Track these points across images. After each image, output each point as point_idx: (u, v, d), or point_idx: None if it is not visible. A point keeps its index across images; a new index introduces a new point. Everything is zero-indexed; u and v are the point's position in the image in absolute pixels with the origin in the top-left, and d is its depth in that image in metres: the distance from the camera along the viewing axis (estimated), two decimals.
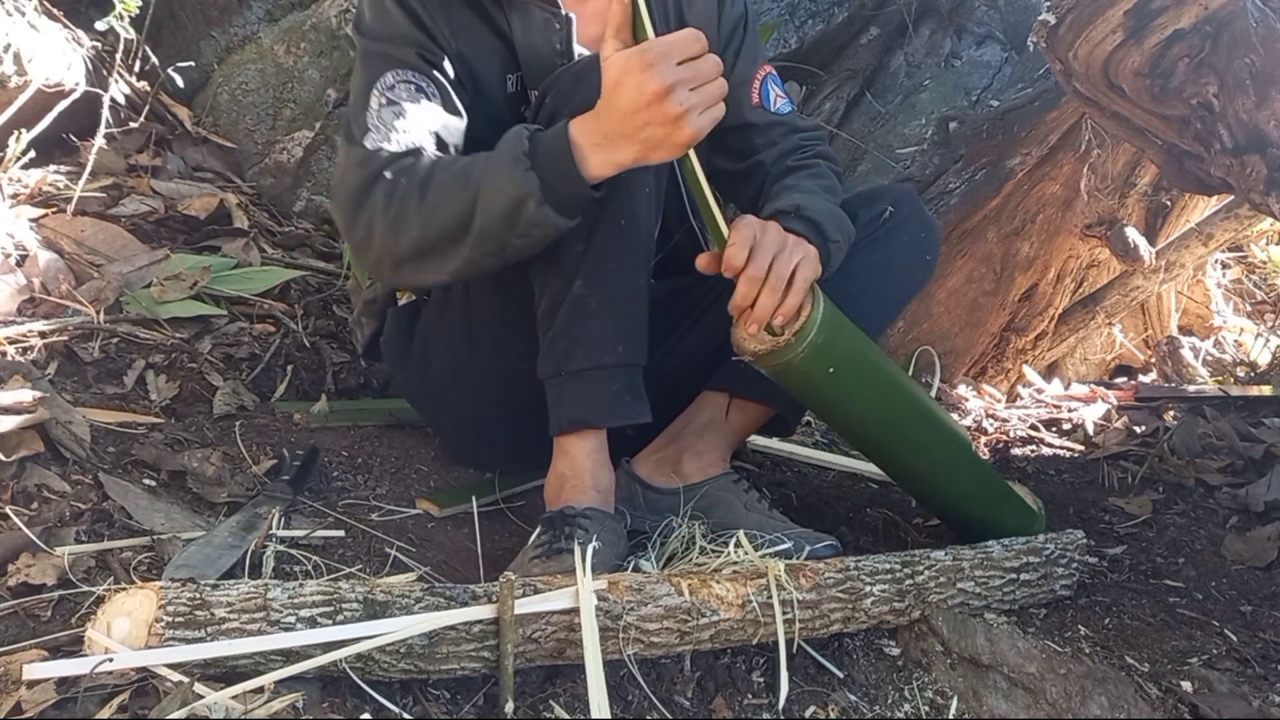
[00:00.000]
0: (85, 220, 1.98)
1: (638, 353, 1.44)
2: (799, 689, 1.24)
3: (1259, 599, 1.61)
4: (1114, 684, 1.27)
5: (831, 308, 1.38)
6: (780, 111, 1.65)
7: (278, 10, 2.62)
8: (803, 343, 1.34)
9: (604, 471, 1.45)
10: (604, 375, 1.41)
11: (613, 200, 1.38)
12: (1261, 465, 2.08)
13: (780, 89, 1.67)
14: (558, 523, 1.37)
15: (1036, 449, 2.42)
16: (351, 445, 1.65)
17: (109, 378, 1.63)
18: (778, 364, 1.36)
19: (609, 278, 1.41)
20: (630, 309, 1.43)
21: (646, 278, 1.47)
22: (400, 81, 1.41)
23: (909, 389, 1.52)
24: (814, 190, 1.51)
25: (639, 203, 1.41)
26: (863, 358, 1.44)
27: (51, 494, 1.28)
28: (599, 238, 1.39)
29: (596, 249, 1.40)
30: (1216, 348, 3.12)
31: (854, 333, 1.43)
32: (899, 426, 1.50)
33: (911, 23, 2.95)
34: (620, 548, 1.40)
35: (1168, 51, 1.77)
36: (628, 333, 1.43)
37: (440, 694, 1.10)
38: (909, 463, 1.56)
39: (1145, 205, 2.81)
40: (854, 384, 1.43)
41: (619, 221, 1.40)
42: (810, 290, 1.36)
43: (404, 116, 1.37)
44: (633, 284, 1.43)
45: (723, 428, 1.62)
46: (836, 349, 1.38)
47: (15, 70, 2.06)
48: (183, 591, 0.99)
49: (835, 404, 1.48)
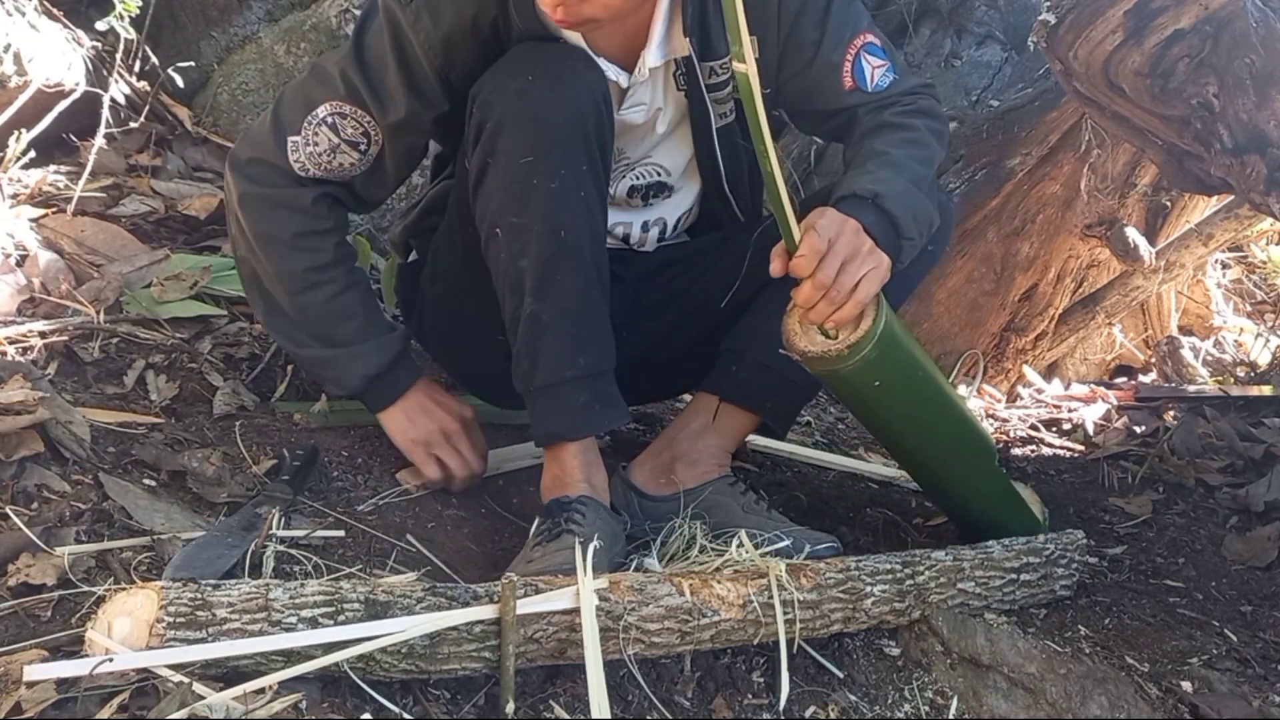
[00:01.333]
0: (85, 220, 1.98)
1: (601, 360, 1.45)
2: (799, 689, 1.24)
3: (1259, 599, 1.61)
4: (1114, 684, 1.27)
5: (891, 320, 1.32)
6: (879, 88, 1.52)
7: (278, 10, 2.62)
8: (856, 355, 1.29)
9: (594, 469, 1.47)
10: (569, 389, 1.43)
11: (549, 215, 1.39)
12: (1261, 465, 2.08)
13: (880, 57, 1.54)
14: (555, 511, 1.40)
15: (1036, 449, 2.42)
16: (351, 445, 1.65)
17: (109, 378, 1.63)
18: (824, 370, 1.33)
19: (558, 291, 1.41)
20: (586, 319, 1.44)
21: (601, 282, 1.46)
22: (353, 118, 1.48)
23: (949, 402, 1.50)
24: (901, 163, 1.41)
25: (574, 211, 1.40)
26: (912, 373, 1.40)
27: (51, 494, 1.28)
28: (542, 253, 1.40)
29: (541, 265, 1.41)
30: (1216, 348, 3.12)
31: (908, 346, 1.39)
32: (933, 435, 1.50)
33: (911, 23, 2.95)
34: (618, 546, 1.41)
35: (1168, 51, 1.77)
36: (587, 343, 1.44)
37: (441, 694, 1.10)
38: (935, 471, 1.58)
39: (1145, 205, 2.81)
40: (898, 399, 1.42)
41: (559, 234, 1.40)
42: (875, 301, 1.31)
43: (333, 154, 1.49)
44: (584, 294, 1.43)
45: (715, 433, 1.61)
46: (887, 364, 1.34)
47: (15, 70, 2.05)
48: (184, 592, 0.98)
49: (873, 411, 1.47)
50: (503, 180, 1.41)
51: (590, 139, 1.41)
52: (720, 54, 1.53)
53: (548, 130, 1.38)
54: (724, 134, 1.61)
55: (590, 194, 1.42)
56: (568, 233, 1.40)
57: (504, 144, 1.40)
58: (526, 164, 1.38)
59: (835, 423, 2.36)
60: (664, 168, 1.65)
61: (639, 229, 1.69)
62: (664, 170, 1.65)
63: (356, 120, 1.48)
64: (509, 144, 1.39)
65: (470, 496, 1.61)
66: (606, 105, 1.44)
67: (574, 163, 1.40)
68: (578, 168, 1.40)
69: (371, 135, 1.49)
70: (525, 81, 1.39)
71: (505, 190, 1.42)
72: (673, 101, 1.58)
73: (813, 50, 1.51)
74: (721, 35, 1.53)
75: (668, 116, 1.59)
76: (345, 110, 1.47)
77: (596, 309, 1.45)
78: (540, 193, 1.39)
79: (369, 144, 1.49)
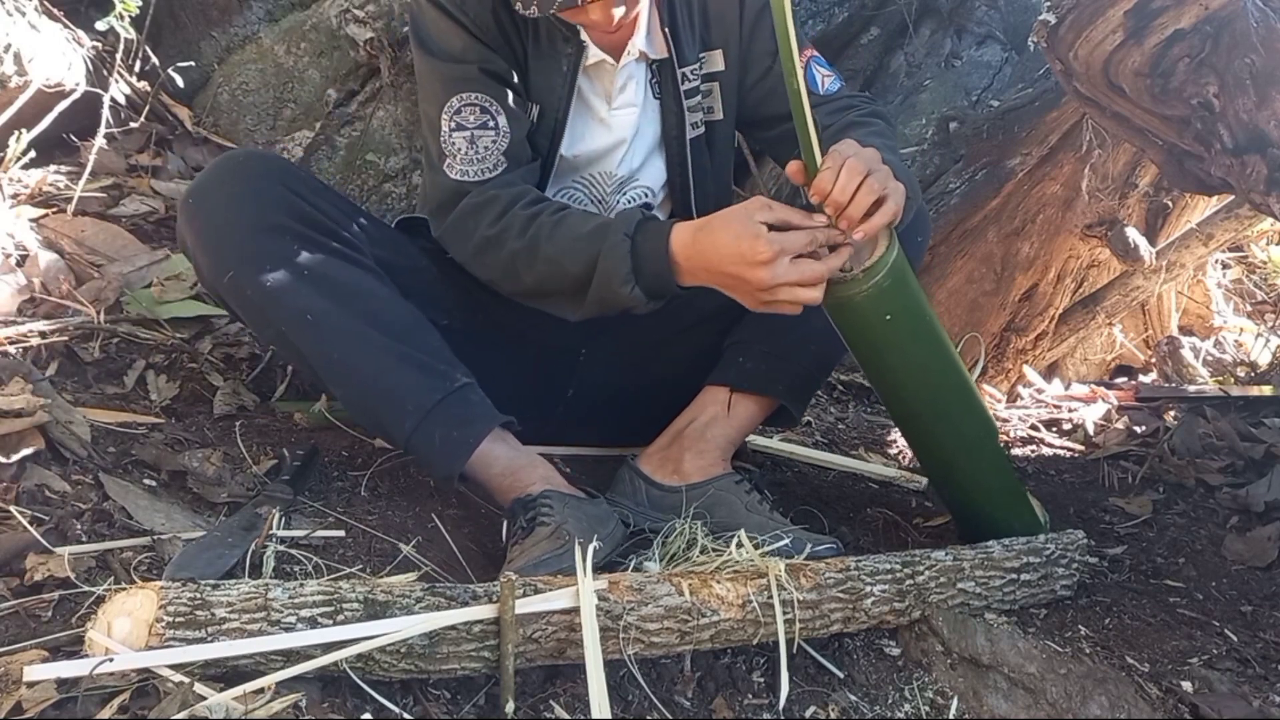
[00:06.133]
0: (85, 220, 1.98)
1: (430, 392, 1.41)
2: (799, 689, 1.24)
3: (1259, 599, 1.61)
4: (1114, 684, 1.27)
5: (903, 257, 1.36)
6: (830, 92, 1.64)
7: (278, 10, 2.62)
8: (869, 281, 1.33)
9: (530, 469, 1.46)
10: (420, 438, 1.41)
11: (281, 309, 1.39)
12: (1261, 465, 2.08)
13: (826, 69, 1.66)
14: (519, 511, 1.41)
15: (1037, 449, 2.42)
16: (351, 445, 1.65)
17: (109, 378, 1.63)
18: (839, 297, 1.35)
19: (344, 369, 1.41)
20: (391, 374, 1.41)
21: (380, 324, 1.42)
22: (465, 105, 1.49)
23: (955, 361, 1.50)
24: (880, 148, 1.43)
25: (304, 296, 1.39)
26: (921, 314, 1.43)
27: (52, 494, 1.28)
28: (305, 347, 1.41)
29: (317, 361, 1.41)
30: (1217, 348, 3.12)
31: (916, 288, 1.42)
32: (937, 393, 1.49)
33: (911, 23, 2.95)
34: (608, 529, 1.42)
35: (1168, 51, 1.76)
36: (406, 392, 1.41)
37: (441, 694, 1.10)
38: (936, 433, 1.55)
39: (1145, 205, 2.81)
40: (906, 338, 1.42)
41: (310, 328, 1.39)
42: (888, 233, 1.34)
43: (475, 144, 1.49)
44: (370, 356, 1.41)
45: (725, 424, 1.62)
46: (898, 297, 1.37)
47: (15, 70, 2.05)
48: (183, 592, 0.99)
49: (881, 354, 1.46)
50: (232, 304, 1.44)
51: (284, 218, 1.40)
52: (690, 60, 1.62)
53: (226, 242, 1.39)
54: (695, 146, 1.66)
55: (319, 262, 1.40)
56: (315, 317, 1.39)
57: (204, 275, 1.44)
58: (230, 281, 1.39)
59: (835, 423, 2.36)
60: (649, 189, 1.69)
61: None
62: (650, 191, 1.70)
63: (469, 104, 1.49)
64: (208, 273, 1.42)
65: (470, 496, 1.61)
66: (290, 168, 1.48)
67: (275, 254, 1.38)
68: (284, 254, 1.39)
69: (488, 106, 1.50)
70: (193, 206, 1.41)
71: (240, 312, 1.44)
72: (652, 111, 1.64)
73: (770, 60, 1.63)
74: (690, 42, 1.59)
75: (648, 131, 1.64)
76: (454, 104, 1.49)
77: (393, 357, 1.41)
78: (263, 301, 1.38)
79: (493, 115, 1.50)
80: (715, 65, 1.64)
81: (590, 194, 1.67)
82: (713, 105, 1.66)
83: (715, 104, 1.66)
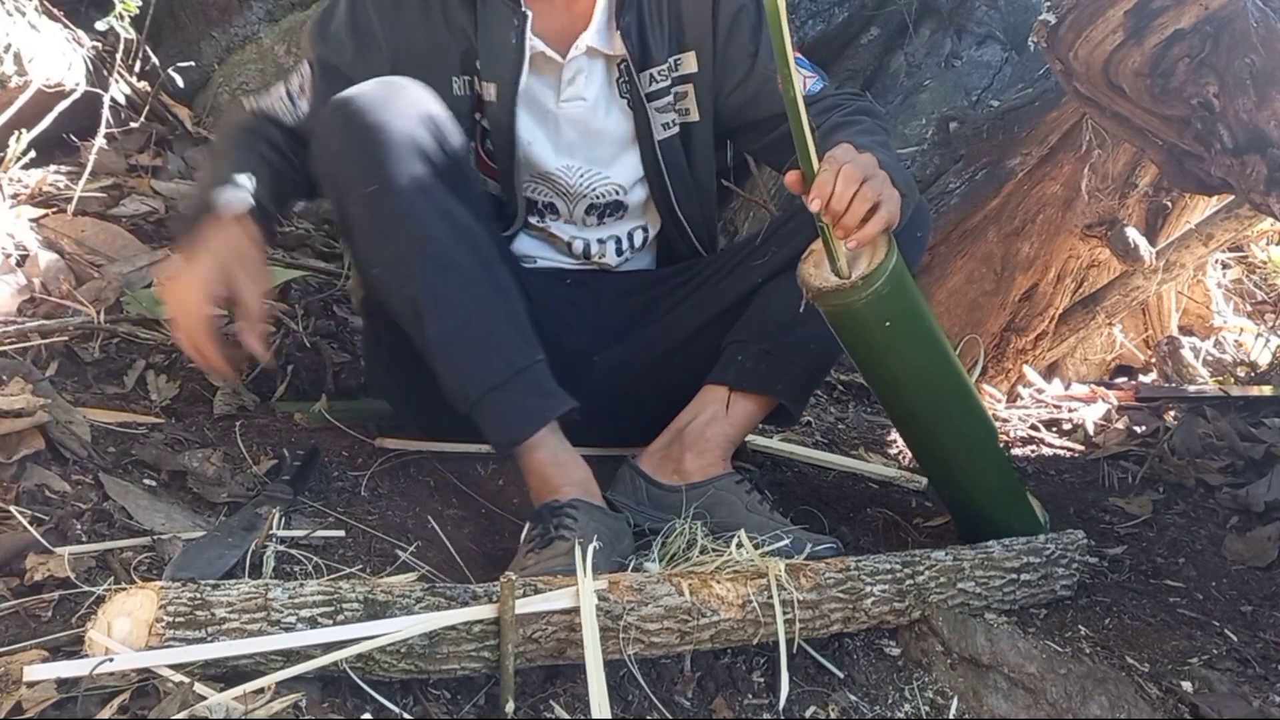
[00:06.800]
0: (85, 220, 1.98)
1: (521, 356, 1.43)
2: (799, 689, 1.24)
3: (1259, 599, 1.61)
4: (1114, 684, 1.27)
5: (902, 262, 1.36)
6: (812, 93, 1.62)
7: (278, 10, 2.62)
8: (868, 288, 1.32)
9: (572, 467, 1.46)
10: (502, 394, 1.41)
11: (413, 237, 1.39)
12: (1261, 465, 2.08)
13: (809, 69, 1.65)
14: (545, 516, 1.38)
15: (1037, 449, 2.42)
16: (351, 445, 1.65)
17: (109, 378, 1.63)
18: (838, 304, 1.35)
19: (451, 307, 1.41)
20: (491, 323, 1.42)
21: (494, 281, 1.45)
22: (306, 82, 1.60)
23: (954, 362, 1.50)
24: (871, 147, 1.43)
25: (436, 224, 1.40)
26: (920, 319, 1.42)
27: (52, 494, 1.28)
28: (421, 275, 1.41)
29: (425, 286, 1.41)
30: (1217, 348, 3.12)
31: (916, 292, 1.42)
32: (937, 395, 1.49)
33: (911, 23, 2.95)
34: (623, 544, 1.41)
35: (1168, 51, 1.77)
36: (500, 345, 1.42)
37: (441, 694, 1.10)
38: (936, 434, 1.55)
39: (1145, 205, 2.81)
40: (906, 343, 1.42)
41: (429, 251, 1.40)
42: (886, 239, 1.34)
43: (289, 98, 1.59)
44: (478, 302, 1.42)
45: (724, 423, 1.62)
46: (898, 303, 1.37)
47: (15, 70, 2.05)
48: (183, 592, 0.99)
49: (881, 359, 1.46)
50: (358, 218, 1.44)
51: (429, 151, 1.42)
52: (658, 61, 1.62)
53: (379, 154, 1.39)
54: (666, 146, 1.66)
55: (449, 202, 1.42)
56: (437, 247, 1.40)
57: (345, 181, 1.43)
58: (372, 193, 1.40)
59: (835, 423, 2.36)
60: (620, 185, 1.69)
61: (596, 243, 1.73)
62: (621, 189, 1.70)
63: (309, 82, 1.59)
64: (349, 180, 1.42)
65: (470, 496, 1.61)
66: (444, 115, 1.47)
67: (418, 178, 1.40)
68: (424, 182, 1.40)
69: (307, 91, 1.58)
70: (350, 115, 1.41)
71: (364, 227, 1.44)
72: (618, 110, 1.65)
73: (749, 63, 1.62)
74: (659, 43, 1.60)
75: (616, 128, 1.65)
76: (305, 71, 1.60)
77: (498, 310, 1.44)
78: (395, 217, 1.39)
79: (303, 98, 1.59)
80: (689, 67, 1.64)
81: (555, 188, 1.68)
82: (687, 107, 1.66)
83: (690, 105, 1.65)
